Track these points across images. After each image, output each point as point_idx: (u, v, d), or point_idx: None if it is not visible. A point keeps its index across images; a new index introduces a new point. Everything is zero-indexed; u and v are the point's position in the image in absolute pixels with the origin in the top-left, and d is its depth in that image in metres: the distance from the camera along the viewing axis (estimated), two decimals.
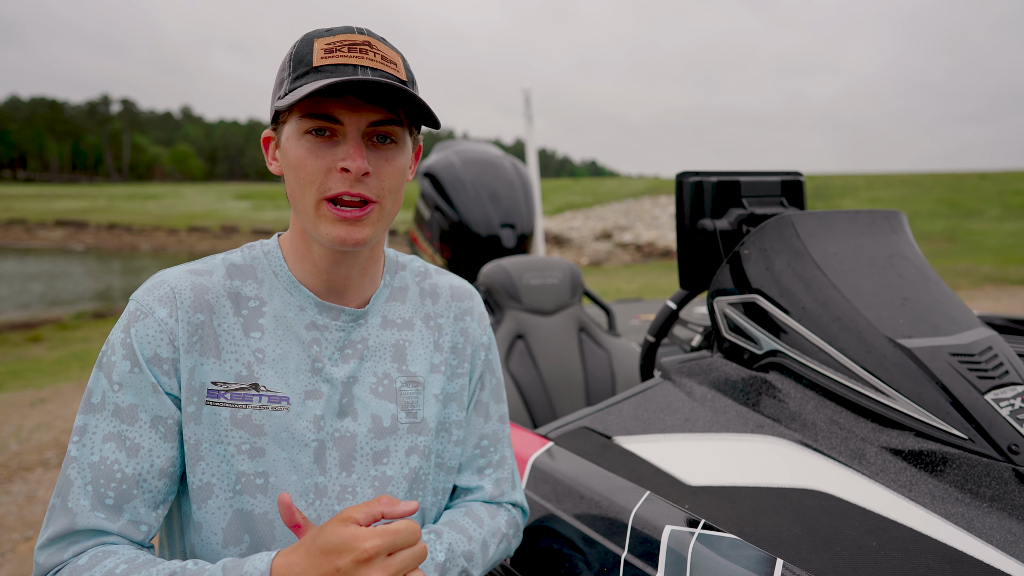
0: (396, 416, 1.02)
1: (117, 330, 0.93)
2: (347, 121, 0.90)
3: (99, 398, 0.91)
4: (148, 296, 0.93)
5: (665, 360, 1.52)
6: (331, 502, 0.96)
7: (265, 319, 0.97)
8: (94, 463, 0.89)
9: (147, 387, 0.91)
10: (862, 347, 1.23)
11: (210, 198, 55.27)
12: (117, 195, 60.65)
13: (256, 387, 0.94)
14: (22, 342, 9.83)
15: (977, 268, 15.42)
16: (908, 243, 1.49)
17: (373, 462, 1.00)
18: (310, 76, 0.90)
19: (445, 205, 3.98)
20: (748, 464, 1.18)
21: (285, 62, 0.95)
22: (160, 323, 0.92)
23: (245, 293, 0.98)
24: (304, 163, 0.91)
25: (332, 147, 0.91)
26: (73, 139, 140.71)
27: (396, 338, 1.05)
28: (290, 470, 0.94)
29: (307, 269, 1.00)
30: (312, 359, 0.98)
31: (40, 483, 4.39)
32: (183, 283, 0.95)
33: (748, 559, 0.93)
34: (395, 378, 1.03)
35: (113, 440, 0.90)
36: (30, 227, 40.63)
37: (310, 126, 0.90)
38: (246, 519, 0.93)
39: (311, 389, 0.97)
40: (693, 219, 1.66)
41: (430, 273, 1.16)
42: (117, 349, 0.91)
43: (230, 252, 1.03)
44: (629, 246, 25.96)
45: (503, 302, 2.61)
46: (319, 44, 0.92)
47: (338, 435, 0.98)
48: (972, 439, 1.09)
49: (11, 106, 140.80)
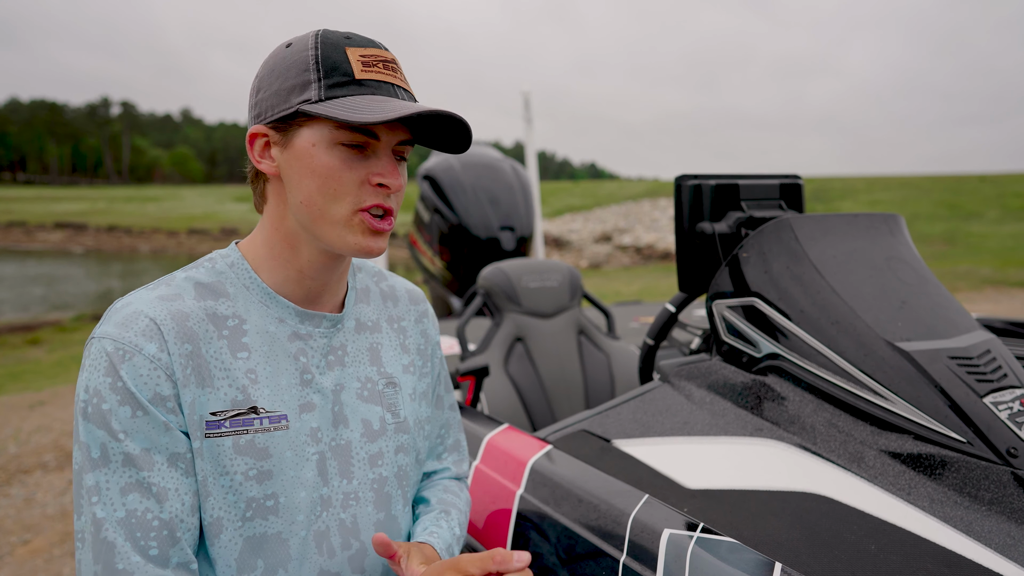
0: (383, 418, 1.04)
1: (95, 374, 0.84)
2: (383, 138, 0.90)
3: (99, 452, 0.83)
4: (126, 332, 0.85)
5: (664, 363, 1.52)
6: (337, 511, 0.97)
7: (248, 337, 0.93)
8: (122, 519, 0.83)
9: (158, 428, 0.85)
10: (860, 350, 1.23)
11: (210, 200, 55.29)
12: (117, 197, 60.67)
13: (255, 410, 0.91)
14: (21, 344, 9.83)
15: (976, 270, 15.44)
16: (906, 246, 1.49)
17: (369, 465, 1.01)
18: (353, 88, 0.88)
19: (444, 208, 3.98)
20: (747, 467, 1.18)
21: (307, 63, 0.89)
22: (152, 359, 0.85)
23: (221, 312, 0.92)
24: (339, 174, 0.89)
25: (363, 160, 0.90)
26: (73, 141, 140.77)
27: (370, 341, 1.06)
28: (298, 487, 0.93)
29: (288, 276, 0.97)
30: (301, 371, 0.96)
31: (39, 486, 4.38)
32: (160, 312, 0.87)
33: (747, 563, 0.93)
34: (376, 381, 1.05)
35: (135, 490, 0.83)
36: (30, 229, 40.64)
37: (347, 139, 0.88)
38: (258, 544, 0.91)
39: (304, 402, 0.95)
40: (692, 222, 1.66)
41: (384, 275, 1.18)
42: (107, 396, 0.83)
43: (190, 269, 0.96)
44: (628, 248, 25.98)
45: (502, 305, 2.62)
46: (353, 54, 0.89)
47: (335, 444, 0.98)
48: (971, 442, 1.09)
49: (11, 108, 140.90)
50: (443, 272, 4.09)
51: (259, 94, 0.93)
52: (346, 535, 0.97)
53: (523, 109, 5.60)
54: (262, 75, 0.93)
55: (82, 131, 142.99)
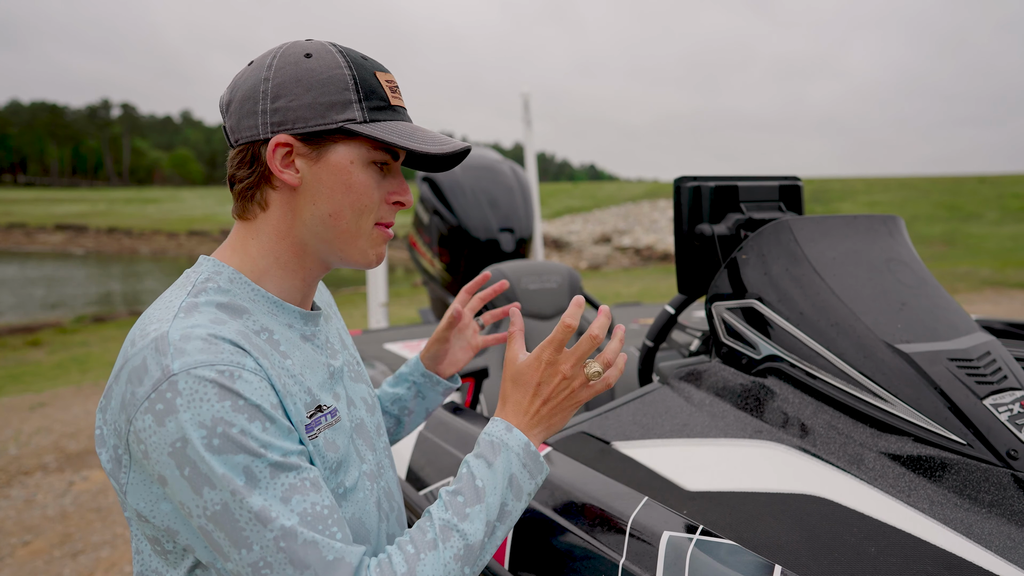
0: (371, 392, 1.15)
1: (207, 405, 0.78)
2: (401, 158, 1.00)
3: (246, 476, 0.79)
4: (219, 355, 0.81)
5: (663, 365, 1.52)
6: (379, 481, 1.06)
7: (283, 345, 0.95)
8: (299, 522, 0.81)
9: (283, 433, 0.84)
10: (860, 352, 1.23)
11: (210, 202, 55.32)
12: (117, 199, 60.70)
13: (320, 408, 0.94)
14: (22, 346, 9.83)
15: (976, 271, 15.43)
16: (906, 247, 1.49)
17: (378, 435, 1.11)
18: (389, 114, 0.95)
19: (444, 209, 3.98)
20: (746, 469, 1.18)
21: (346, 82, 0.91)
22: (255, 372, 0.83)
23: (252, 327, 0.91)
24: (370, 192, 0.96)
25: (384, 178, 0.99)
26: (73, 143, 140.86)
27: (335, 328, 1.15)
28: (352, 470, 0.99)
29: (294, 285, 0.98)
30: (324, 365, 1.02)
31: (39, 487, 4.38)
32: (229, 333, 0.85)
33: (746, 565, 0.92)
34: (352, 362, 1.14)
35: (295, 492, 0.82)
36: (30, 231, 40.65)
37: (380, 159, 0.96)
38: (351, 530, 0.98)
39: (335, 392, 1.02)
40: (691, 224, 1.66)
41: None
42: (233, 419, 0.79)
43: (198, 294, 0.91)
44: (628, 250, 25.98)
45: (501, 306, 2.61)
46: (382, 79, 0.96)
47: (355, 423, 1.05)
48: (971, 444, 1.09)
49: (12, 110, 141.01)
50: (442, 274, 4.09)
51: (278, 101, 0.90)
52: (389, 499, 1.08)
53: (522, 111, 5.60)
54: (280, 82, 0.90)
55: (82, 133, 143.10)
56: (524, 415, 1.00)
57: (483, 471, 0.94)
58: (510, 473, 0.95)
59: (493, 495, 0.93)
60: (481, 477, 0.94)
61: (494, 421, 1.00)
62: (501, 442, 0.97)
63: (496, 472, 0.94)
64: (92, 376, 7.53)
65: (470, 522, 0.90)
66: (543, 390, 0.99)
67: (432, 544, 0.88)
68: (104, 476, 4.56)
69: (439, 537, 0.88)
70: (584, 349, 0.98)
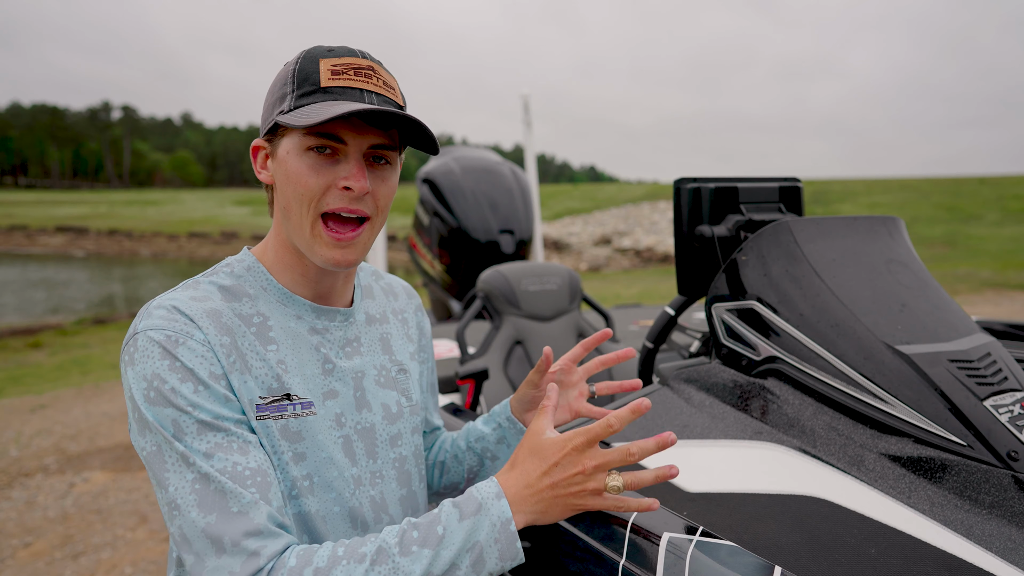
0: (399, 402, 1.12)
1: (150, 362, 0.88)
2: (350, 142, 0.94)
3: (173, 428, 0.86)
4: (173, 323, 0.90)
5: (663, 366, 1.52)
6: (367, 489, 1.04)
7: (274, 332, 1.00)
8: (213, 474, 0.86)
9: (218, 399, 0.90)
10: (860, 353, 1.23)
11: (210, 204, 55.35)
12: (117, 201, 60.75)
13: (288, 396, 0.97)
14: (22, 348, 9.83)
15: (976, 273, 15.43)
16: (906, 249, 1.49)
17: (391, 446, 1.09)
18: (318, 96, 0.92)
19: (444, 211, 3.98)
20: (746, 470, 1.18)
21: (287, 77, 0.96)
22: (202, 343, 0.90)
23: (246, 312, 0.99)
24: (305, 179, 0.94)
25: (333, 165, 0.95)
26: (74, 146, 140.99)
27: (380, 332, 1.14)
28: (329, 467, 1.00)
29: (296, 279, 1.03)
30: (323, 361, 1.03)
31: (40, 489, 4.38)
32: (195, 310, 0.93)
33: (746, 566, 0.92)
34: (389, 368, 1.13)
35: (219, 451, 0.87)
36: (31, 233, 40.67)
37: (314, 143, 0.93)
38: (303, 521, 0.98)
39: (328, 390, 1.02)
40: (691, 225, 1.66)
41: (380, 274, 1.26)
42: (168, 376, 0.87)
43: (211, 275, 1.01)
44: (628, 251, 25.99)
45: (502, 308, 2.61)
46: (325, 64, 0.94)
47: (360, 427, 1.05)
48: (971, 445, 1.09)
49: (12, 112, 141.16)
50: (442, 275, 4.09)
51: (263, 111, 1.00)
52: (377, 511, 1.05)
53: (522, 112, 5.61)
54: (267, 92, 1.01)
55: (83, 135, 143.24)
56: (526, 487, 0.91)
57: (452, 521, 0.88)
58: (476, 540, 0.87)
59: (448, 549, 0.86)
60: (446, 525, 0.88)
61: (491, 480, 0.93)
62: (483, 504, 0.89)
63: (463, 529, 0.87)
64: (93, 378, 7.53)
65: (410, 561, 0.84)
66: (556, 473, 0.91)
67: (361, 558, 0.85)
68: (104, 478, 4.56)
69: (372, 556, 0.85)
70: (613, 459, 0.90)
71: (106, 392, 6.80)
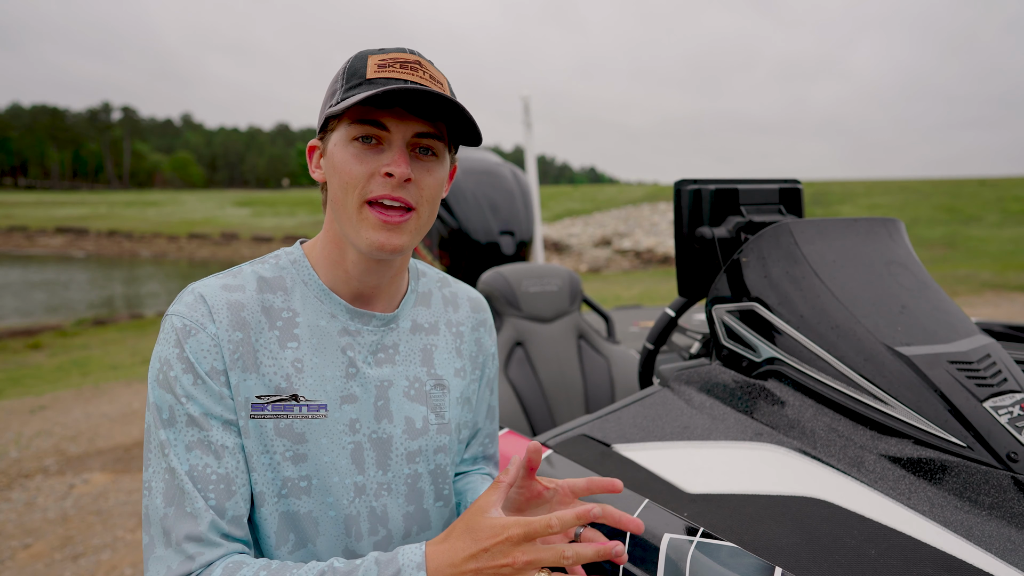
0: (427, 418, 1.09)
1: (167, 346, 0.94)
2: (393, 129, 0.95)
3: (168, 413, 0.93)
4: (194, 312, 0.95)
5: (664, 367, 1.52)
6: (369, 499, 1.03)
7: (299, 329, 1.00)
8: (187, 472, 0.92)
9: (213, 396, 0.94)
10: (860, 355, 1.23)
11: (210, 205, 55.36)
12: (117, 202, 60.75)
13: (296, 398, 0.98)
14: (22, 349, 9.83)
15: (976, 274, 15.43)
16: (906, 251, 1.49)
17: (407, 461, 1.07)
18: (363, 87, 0.94)
19: (444, 212, 3.98)
20: (747, 472, 1.18)
21: (339, 75, 0.99)
22: (212, 337, 0.94)
23: (277, 305, 1.00)
24: (350, 167, 0.95)
25: (377, 154, 0.96)
26: (74, 146, 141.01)
27: (424, 342, 1.12)
28: (331, 472, 1.00)
29: (338, 276, 1.04)
30: (347, 365, 1.02)
31: (39, 490, 4.38)
32: (219, 301, 0.97)
33: (747, 567, 0.93)
34: (424, 381, 1.10)
35: (197, 447, 0.93)
36: (31, 234, 40.66)
37: (358, 132, 0.95)
38: (292, 520, 0.99)
39: (347, 394, 1.02)
40: (691, 227, 1.67)
41: (448, 281, 1.23)
42: (175, 364, 0.93)
43: (258, 263, 1.05)
44: (628, 253, 25.98)
45: (502, 309, 2.61)
46: (373, 60, 0.97)
47: (375, 436, 1.04)
48: (971, 447, 1.09)
49: (12, 113, 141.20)
50: None
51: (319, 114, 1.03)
52: (375, 522, 1.04)
53: (523, 113, 5.61)
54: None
55: (83, 136, 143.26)
56: (450, 566, 0.85)
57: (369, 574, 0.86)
58: None
59: None
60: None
61: (419, 547, 0.88)
62: (401, 572, 0.85)
63: None
64: (92, 379, 7.53)
65: None
66: (484, 559, 0.84)
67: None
68: (104, 479, 4.56)
69: None
70: (546, 558, 0.83)
71: (106, 393, 6.80)
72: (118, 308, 16.88)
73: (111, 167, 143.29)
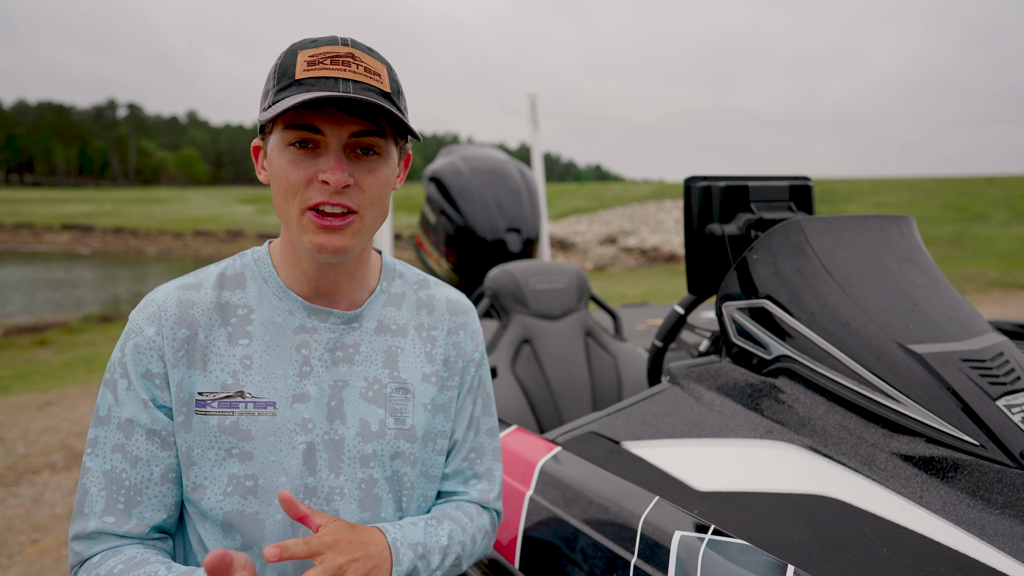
0: (384, 421, 1.04)
1: (116, 350, 0.99)
2: (328, 133, 0.91)
3: (105, 412, 0.98)
4: (139, 316, 0.99)
5: (673, 365, 1.52)
6: (320, 502, 0.99)
7: (253, 326, 1.00)
8: (106, 471, 0.97)
9: (139, 403, 0.97)
10: (872, 352, 1.22)
11: (215, 202, 55.49)
12: (123, 199, 60.95)
13: (241, 394, 0.98)
14: (29, 345, 9.87)
15: (984, 273, 15.36)
16: (918, 248, 1.48)
17: (360, 465, 1.02)
18: (292, 89, 0.91)
19: (451, 209, 3.98)
20: (757, 469, 1.18)
21: (270, 73, 0.95)
22: (149, 341, 0.97)
23: (233, 302, 1.01)
24: (286, 174, 0.92)
25: (314, 158, 0.92)
26: (80, 144, 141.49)
27: (389, 344, 1.07)
28: (279, 472, 0.98)
29: (296, 275, 1.03)
30: (301, 363, 1.00)
31: (47, 486, 4.40)
32: (169, 300, 0.99)
33: (758, 565, 0.92)
34: (385, 384, 1.05)
35: (119, 451, 0.97)
36: (37, 231, 40.81)
37: (292, 138, 0.92)
38: (237, 519, 0.97)
39: (299, 393, 0.99)
40: (701, 224, 1.66)
41: (428, 284, 1.17)
42: (116, 368, 0.98)
43: (228, 260, 1.07)
44: (634, 250, 25.95)
45: (509, 307, 2.61)
46: (302, 56, 0.92)
47: (328, 438, 1.00)
48: (983, 445, 1.08)
49: (18, 110, 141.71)
50: (449, 274, 4.09)
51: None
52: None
53: (529, 111, 5.60)
54: None
55: (89, 133, 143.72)
56: None
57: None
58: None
59: None
60: None
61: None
62: None
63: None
64: (99, 375, 7.56)
65: None
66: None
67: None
68: None
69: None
70: None
71: None
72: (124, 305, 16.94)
73: (117, 164, 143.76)
